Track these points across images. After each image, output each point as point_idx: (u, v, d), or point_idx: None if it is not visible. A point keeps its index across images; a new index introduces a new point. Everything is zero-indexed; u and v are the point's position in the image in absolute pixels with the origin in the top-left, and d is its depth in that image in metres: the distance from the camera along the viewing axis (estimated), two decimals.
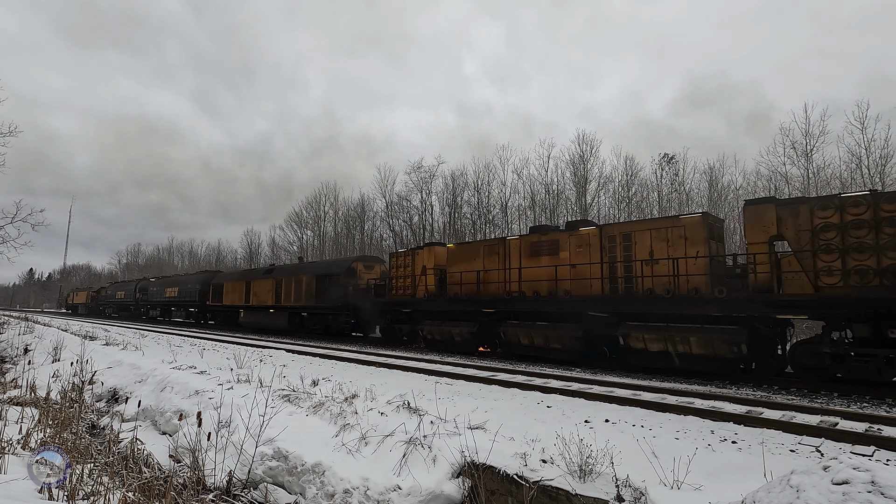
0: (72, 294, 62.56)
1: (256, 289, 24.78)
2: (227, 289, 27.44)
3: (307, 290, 20.99)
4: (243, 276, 26.83)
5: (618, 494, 3.37)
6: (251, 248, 54.93)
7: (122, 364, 10.62)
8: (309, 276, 21.25)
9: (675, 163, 28.82)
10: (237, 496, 4.68)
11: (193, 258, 69.35)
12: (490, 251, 14.13)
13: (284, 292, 22.47)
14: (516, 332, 12.68)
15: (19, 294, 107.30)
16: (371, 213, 40.52)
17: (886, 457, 4.53)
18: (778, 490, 2.76)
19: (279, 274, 23.84)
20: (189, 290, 32.38)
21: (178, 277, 37.93)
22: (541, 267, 12.62)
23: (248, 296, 25.24)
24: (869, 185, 21.08)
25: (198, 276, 33.79)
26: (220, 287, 28.20)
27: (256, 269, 28.43)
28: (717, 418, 5.96)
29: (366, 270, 19.85)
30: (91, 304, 52.32)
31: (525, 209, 32.52)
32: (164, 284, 37.00)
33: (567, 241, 12.37)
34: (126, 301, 42.79)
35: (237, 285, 26.51)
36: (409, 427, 4.93)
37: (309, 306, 20.94)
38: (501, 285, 13.59)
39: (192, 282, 32.84)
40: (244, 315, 25.54)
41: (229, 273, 33.21)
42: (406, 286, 16.53)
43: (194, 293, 31.48)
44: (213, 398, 6.74)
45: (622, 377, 9.59)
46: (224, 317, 28.82)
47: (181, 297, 33.24)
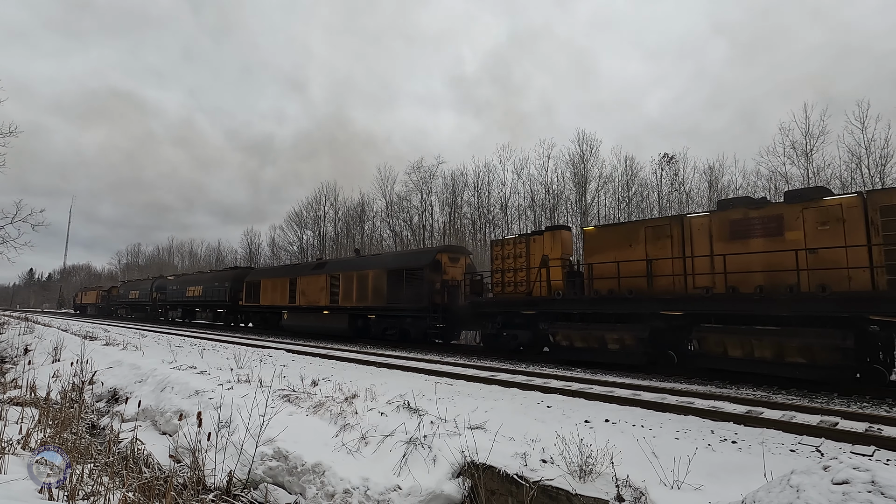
0: (80, 294, 59.75)
1: (304, 286, 21.09)
2: (265, 287, 23.89)
3: (375, 287, 17.53)
4: (287, 272, 23.16)
5: (618, 494, 3.37)
6: (251, 248, 55.03)
7: (122, 364, 10.62)
8: (377, 272, 17.64)
9: (675, 163, 28.85)
10: (237, 496, 4.68)
11: (193, 258, 69.42)
12: (656, 234, 10.90)
13: (343, 290, 18.92)
14: (722, 339, 9.20)
15: (19, 294, 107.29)
16: (371, 213, 40.59)
17: (886, 457, 4.53)
18: (778, 490, 2.76)
19: (333, 269, 20.08)
20: (216, 288, 28.92)
21: (203, 275, 33.94)
22: (752, 253, 9.31)
23: (293, 294, 21.68)
24: (869, 184, 21.10)
25: (227, 272, 30.23)
26: (257, 285, 24.62)
27: (303, 264, 24.57)
28: (717, 418, 5.96)
29: (451, 264, 16.45)
30: (101, 304, 49.71)
31: (525, 209, 32.55)
32: (186, 283, 33.49)
33: (798, 216, 9.03)
34: (141, 301, 39.81)
35: (279, 283, 22.91)
36: (410, 427, 4.93)
37: (378, 307, 17.42)
38: (679, 279, 10.37)
39: (220, 279, 29.30)
40: (288, 317, 21.97)
41: (267, 269, 29.18)
42: (518, 281, 13.23)
43: (223, 292, 28.08)
44: (214, 398, 6.74)
45: (622, 377, 9.59)
46: (262, 318, 25.35)
47: (207, 296, 29.95)
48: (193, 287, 31.82)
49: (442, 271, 16.11)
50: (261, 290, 24.22)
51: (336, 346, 16.61)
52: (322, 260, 25.09)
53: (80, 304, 57.28)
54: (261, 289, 24.24)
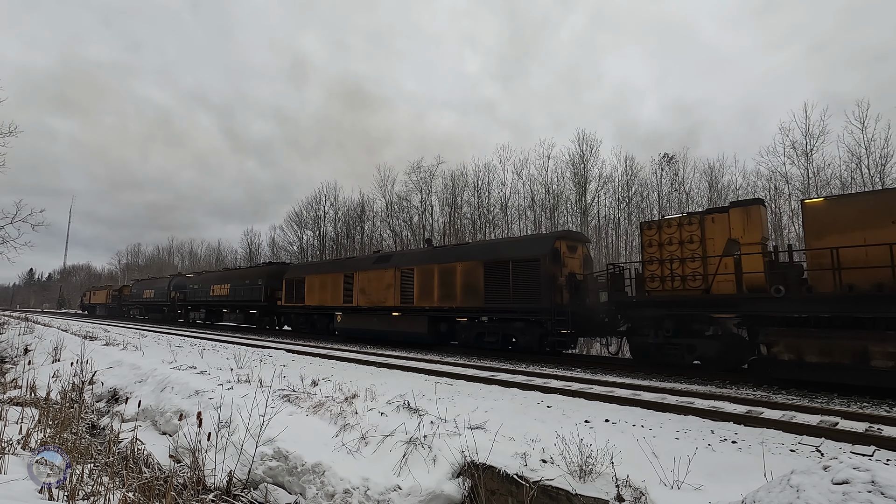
0: (88, 293, 56.01)
1: (364, 284, 17.94)
2: (311, 285, 20.69)
3: (467, 284, 14.28)
4: (339, 267, 19.87)
5: (618, 494, 3.37)
6: (251, 248, 55.09)
7: (122, 364, 10.62)
8: (470, 265, 14.42)
9: (675, 163, 28.86)
10: (237, 496, 4.68)
11: (193, 258, 69.50)
12: None
13: (419, 288, 15.73)
14: None
15: (19, 294, 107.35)
16: (371, 213, 40.59)
17: (886, 457, 4.53)
18: (778, 490, 2.76)
19: (405, 262, 16.78)
20: (248, 287, 25.67)
21: (231, 272, 30.42)
22: None
23: (348, 293, 18.60)
24: (869, 185, 21.12)
25: (262, 269, 26.73)
26: (300, 283, 21.36)
27: (360, 258, 20.90)
28: (717, 418, 5.96)
29: (569, 254, 13.35)
30: (112, 304, 46.61)
31: (525, 209, 32.56)
32: (210, 281, 30.10)
33: None
34: (157, 301, 36.68)
35: (329, 279, 19.75)
36: (410, 427, 4.93)
37: (470, 308, 14.26)
38: None
39: (253, 276, 26.00)
40: (343, 319, 18.86)
41: (314, 264, 25.19)
42: (688, 274, 10.21)
43: (256, 291, 24.90)
44: (214, 398, 6.74)
45: (622, 377, 9.59)
46: (307, 321, 21.82)
47: (236, 295, 26.65)
48: (219, 285, 28.54)
49: (562, 262, 12.88)
50: (305, 288, 21.02)
51: (337, 346, 16.59)
52: (385, 252, 21.57)
53: (88, 304, 54.17)
54: (305, 287, 21.02)
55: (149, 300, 38.15)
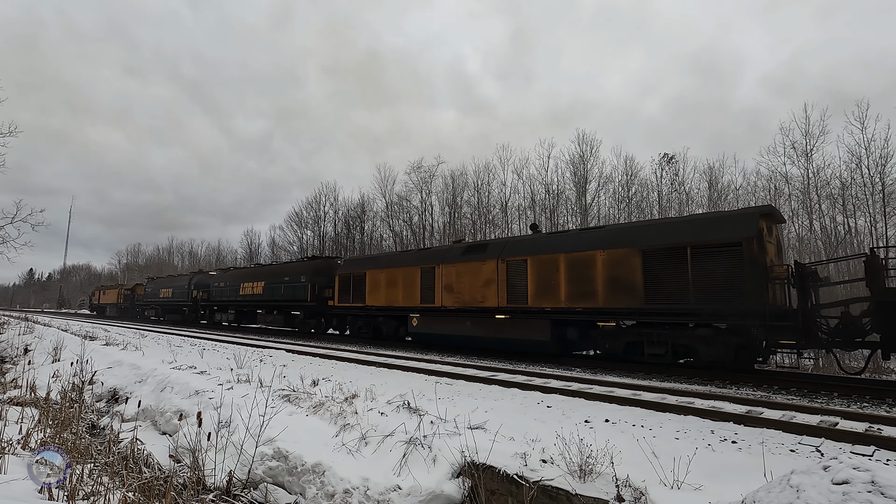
0: (97, 292, 52.65)
1: (451, 279, 14.76)
2: (374, 281, 17.64)
3: (615, 277, 11.09)
4: (414, 260, 16.77)
5: (618, 494, 3.37)
6: (251, 248, 55.14)
7: (122, 364, 10.62)
8: (621, 252, 11.10)
9: (675, 163, 28.86)
10: (237, 496, 4.68)
11: (193, 258, 69.54)
12: None
13: (536, 283, 12.56)
14: None
15: (19, 294, 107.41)
16: (371, 213, 40.59)
17: (886, 457, 4.53)
18: (778, 490, 2.76)
19: (511, 251, 13.51)
20: (289, 285, 22.57)
21: (266, 268, 26.93)
22: None
23: (428, 291, 15.52)
24: (869, 185, 21.13)
25: (306, 264, 23.28)
26: (359, 279, 18.35)
27: (441, 248, 17.10)
28: (717, 418, 5.96)
29: (768, 237, 10.20)
30: (124, 304, 43.98)
31: (525, 209, 32.56)
32: (240, 278, 27.13)
33: None
34: (176, 301, 33.78)
35: (400, 275, 16.64)
36: (409, 427, 4.94)
37: (621, 309, 10.95)
38: None
39: (293, 273, 22.73)
40: (421, 322, 15.75)
41: (378, 256, 20.51)
42: None
43: (300, 289, 21.73)
44: (213, 398, 6.74)
45: (622, 377, 9.59)
46: (369, 324, 18.55)
47: (273, 295, 23.59)
48: (251, 283, 25.40)
49: (765, 248, 9.74)
50: (366, 285, 17.94)
51: (337, 346, 16.57)
52: (477, 240, 16.68)
53: (97, 304, 51.24)
54: (366, 284, 17.94)
55: (166, 300, 35.36)
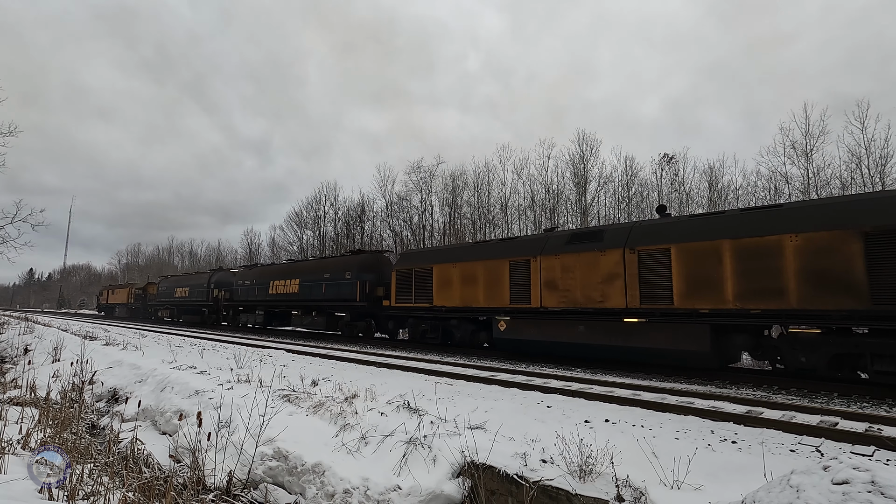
0: (105, 292, 49.99)
1: (554, 273, 12.11)
2: (443, 277, 14.99)
3: (820, 269, 8.27)
4: (500, 252, 13.74)
5: (618, 494, 3.37)
6: (251, 248, 55.15)
7: (122, 364, 10.62)
8: (827, 237, 8.26)
9: (675, 163, 28.86)
10: (237, 496, 4.68)
11: (193, 258, 69.55)
12: None
13: (684, 277, 9.83)
14: None
15: (19, 294, 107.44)
16: (371, 213, 40.59)
17: (886, 457, 4.53)
18: (778, 490, 2.76)
19: (640, 238, 10.80)
20: (332, 282, 19.60)
21: (301, 264, 23.84)
22: None
23: (520, 288, 12.83)
24: (869, 185, 21.13)
25: (349, 258, 20.02)
26: (423, 275, 15.64)
27: (536, 237, 13.79)
28: (717, 418, 5.96)
29: None
30: (135, 305, 41.62)
31: (525, 209, 32.57)
32: (269, 275, 24.25)
33: None
34: (194, 301, 31.27)
35: (480, 269, 13.86)
36: (409, 427, 4.94)
37: (827, 311, 8.16)
38: None
39: (336, 268, 19.76)
40: (510, 326, 13.02)
41: (447, 249, 16.89)
42: None
43: (346, 287, 18.75)
44: (213, 398, 6.74)
45: (622, 377, 9.59)
46: (437, 328, 15.73)
47: (309, 294, 20.94)
48: (283, 281, 22.80)
49: None
50: (433, 282, 15.32)
51: (336, 345, 16.58)
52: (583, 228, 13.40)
53: (105, 304, 48.67)
54: (433, 281, 15.34)
55: (182, 300, 32.80)
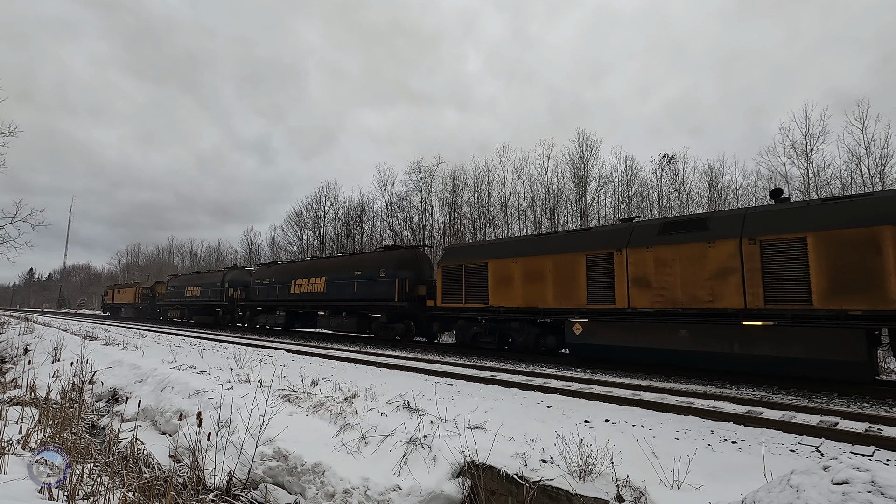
0: (111, 292, 48.05)
1: (643, 269, 10.32)
2: (501, 273, 13.02)
3: None
4: (568, 245, 11.83)
5: (618, 494, 3.37)
6: (251, 248, 55.15)
7: (122, 364, 10.62)
8: None
9: (675, 163, 28.87)
10: (237, 496, 4.68)
11: (193, 258, 69.56)
12: None
13: (827, 274, 8.16)
14: None
15: (19, 294, 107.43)
16: (371, 213, 40.59)
17: (886, 457, 4.53)
18: (778, 490, 2.76)
19: (765, 227, 8.99)
20: (364, 281, 17.49)
21: (326, 261, 21.77)
22: None
23: (601, 286, 10.95)
24: (869, 185, 21.13)
25: (383, 255, 17.82)
26: (475, 272, 13.70)
27: (615, 227, 11.74)
28: (717, 418, 5.96)
29: None
30: (142, 305, 40.10)
31: (525, 209, 32.56)
32: (291, 273, 22.17)
33: None
34: (207, 301, 29.62)
35: (548, 264, 11.92)
36: (409, 427, 4.93)
37: None
38: None
39: (368, 266, 17.63)
40: (588, 330, 11.13)
41: (500, 243, 14.42)
42: None
43: (383, 286, 16.74)
44: (213, 398, 6.74)
45: (622, 377, 9.59)
46: (493, 330, 13.68)
47: (338, 293, 18.87)
48: (307, 279, 20.90)
49: None
50: (488, 279, 13.30)
51: (336, 345, 16.57)
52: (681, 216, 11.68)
53: (111, 304, 46.92)
54: (488, 277, 13.30)
55: (193, 300, 31.19)
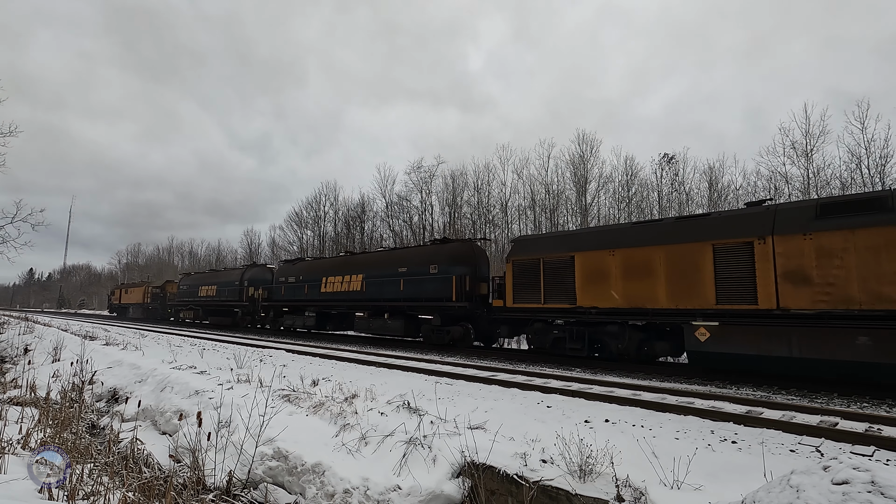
0: (118, 291, 45.58)
1: (798, 260, 8.37)
2: (590, 268, 11.21)
3: None
4: (685, 233, 9.99)
5: (618, 494, 3.37)
6: (251, 248, 55.16)
7: (122, 364, 10.62)
8: None
9: (675, 163, 28.88)
10: (237, 496, 4.68)
11: (193, 258, 69.56)
12: None
13: None
14: None
15: (19, 294, 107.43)
16: (371, 213, 40.61)
17: (886, 457, 4.53)
18: (778, 490, 2.76)
19: None
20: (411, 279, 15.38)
21: (361, 257, 19.43)
22: None
23: (731, 282, 9.11)
24: (869, 185, 21.13)
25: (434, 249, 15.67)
26: (557, 266, 11.77)
27: (736, 214, 9.73)
28: (717, 418, 5.96)
29: None
30: (152, 305, 37.97)
31: (525, 209, 32.56)
32: (320, 271, 19.89)
33: None
34: (223, 301, 27.47)
35: (658, 256, 10.14)
36: (409, 427, 4.93)
37: None
38: None
39: (416, 262, 15.63)
40: (717, 336, 9.10)
41: (590, 232, 12.20)
42: None
43: (433, 284, 14.65)
44: (213, 398, 6.74)
45: (622, 377, 9.60)
46: (581, 335, 11.49)
47: (379, 292, 16.77)
48: (341, 277, 18.56)
49: None
50: (575, 274, 11.33)
51: (336, 345, 16.58)
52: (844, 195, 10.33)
53: (118, 304, 44.53)
54: (575, 272, 11.34)
55: (208, 299, 29.12)
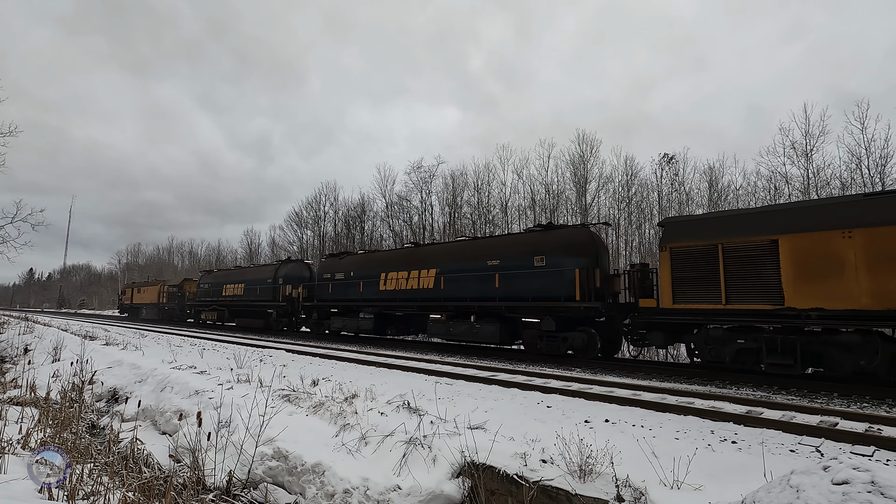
0: (129, 291, 42.76)
1: None
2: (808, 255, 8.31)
3: None
4: None
5: (618, 494, 3.37)
6: (251, 248, 55.15)
7: (122, 364, 10.62)
8: None
9: (675, 163, 28.87)
10: (237, 496, 4.68)
11: (193, 258, 69.56)
12: None
13: None
14: None
15: (19, 294, 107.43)
16: (371, 213, 40.58)
17: (886, 457, 4.53)
18: (778, 490, 2.76)
19: None
20: (505, 274, 12.97)
21: (425, 249, 16.66)
22: None
23: None
24: (869, 185, 21.13)
25: (539, 237, 12.95)
26: (744, 255, 9.01)
27: None
28: (717, 418, 5.96)
29: None
30: (168, 305, 35.18)
31: (525, 209, 32.56)
32: (375, 266, 17.31)
33: None
34: (252, 301, 24.45)
35: None
36: (409, 427, 4.93)
37: None
38: None
39: (505, 254, 13.31)
40: None
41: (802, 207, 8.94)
42: None
43: (542, 280, 12.21)
44: (213, 398, 6.74)
45: (622, 377, 9.59)
46: (788, 342, 8.51)
47: (457, 290, 14.10)
48: (405, 272, 15.77)
49: None
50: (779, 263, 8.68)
51: (337, 345, 16.58)
52: None
53: (129, 304, 41.78)
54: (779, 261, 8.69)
55: (235, 299, 26.02)
